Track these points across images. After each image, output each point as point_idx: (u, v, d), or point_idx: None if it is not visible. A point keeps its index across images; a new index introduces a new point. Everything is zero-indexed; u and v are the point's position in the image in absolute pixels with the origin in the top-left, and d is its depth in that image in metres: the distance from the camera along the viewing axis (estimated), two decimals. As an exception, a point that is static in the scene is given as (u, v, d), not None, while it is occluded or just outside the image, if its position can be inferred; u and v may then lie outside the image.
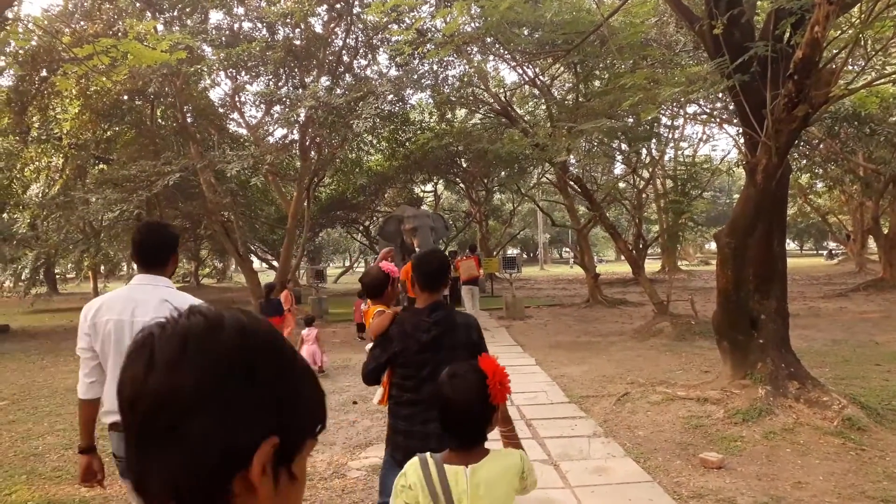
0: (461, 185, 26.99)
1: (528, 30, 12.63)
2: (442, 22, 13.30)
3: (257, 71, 16.66)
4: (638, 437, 5.70)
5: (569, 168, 17.27)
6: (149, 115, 17.88)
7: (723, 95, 11.51)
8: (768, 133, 5.53)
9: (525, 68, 15.91)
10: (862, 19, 5.81)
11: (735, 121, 12.52)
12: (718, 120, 15.45)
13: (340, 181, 24.35)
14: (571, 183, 17.97)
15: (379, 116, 14.91)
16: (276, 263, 22.36)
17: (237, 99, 18.53)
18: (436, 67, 16.95)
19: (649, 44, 11.89)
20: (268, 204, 25.12)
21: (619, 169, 23.96)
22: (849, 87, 6.56)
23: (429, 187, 30.16)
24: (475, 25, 13.05)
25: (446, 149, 20.13)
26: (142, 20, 14.20)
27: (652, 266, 30.33)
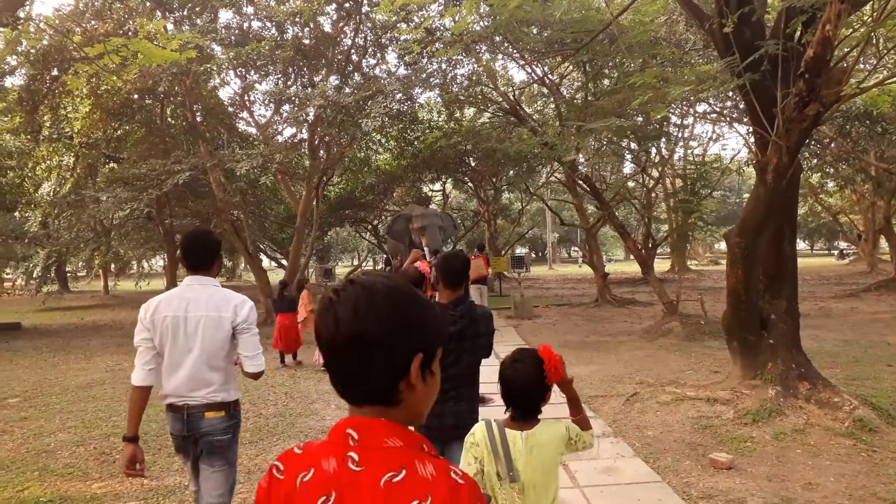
0: (470, 184, 26.94)
1: (537, 28, 12.59)
2: (451, 21, 13.29)
3: (266, 70, 16.70)
4: (647, 438, 5.68)
5: (578, 167, 17.21)
6: (159, 114, 17.96)
7: (733, 94, 11.46)
8: (779, 132, 5.49)
9: (534, 67, 15.87)
10: (874, 17, 5.76)
11: (745, 119, 12.45)
12: (728, 119, 15.37)
13: (349, 180, 24.37)
14: (580, 182, 17.92)
15: (388, 115, 14.92)
16: (285, 262, 22.41)
17: (246, 98, 18.58)
18: (444, 66, 16.93)
19: (659, 42, 11.83)
20: (277, 203, 25.17)
21: (629, 168, 23.85)
22: (860, 86, 6.49)
23: (437, 186, 30.14)
24: (484, 24, 13.04)
25: (455, 148, 20.11)
26: (152, 19, 14.26)
27: (661, 266, 30.24)
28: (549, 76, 16.92)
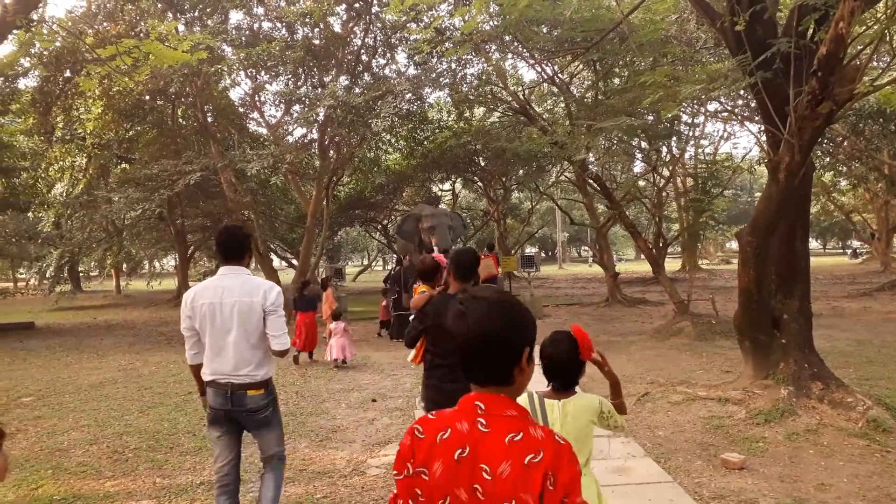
0: (479, 184, 26.92)
1: (547, 27, 12.56)
2: (460, 20, 13.29)
3: (277, 70, 16.79)
4: (658, 438, 5.66)
5: (588, 166, 17.17)
6: (170, 115, 18.08)
7: (744, 92, 11.38)
8: (791, 130, 5.46)
9: (544, 66, 15.84)
10: (888, 15, 5.71)
11: (757, 118, 12.35)
12: (740, 117, 15.25)
13: (359, 180, 24.42)
14: (590, 181, 17.88)
15: (397, 115, 14.94)
16: (296, 262, 22.50)
17: (257, 98, 18.69)
18: (454, 66, 16.93)
19: (669, 41, 11.77)
20: (287, 203, 25.28)
21: (639, 167, 23.78)
22: (874, 84, 6.44)
23: (447, 186, 30.14)
24: (493, 24, 13.02)
25: (464, 147, 20.09)
26: (163, 21, 14.35)
27: (672, 265, 30.09)
28: (559, 75, 16.89)
